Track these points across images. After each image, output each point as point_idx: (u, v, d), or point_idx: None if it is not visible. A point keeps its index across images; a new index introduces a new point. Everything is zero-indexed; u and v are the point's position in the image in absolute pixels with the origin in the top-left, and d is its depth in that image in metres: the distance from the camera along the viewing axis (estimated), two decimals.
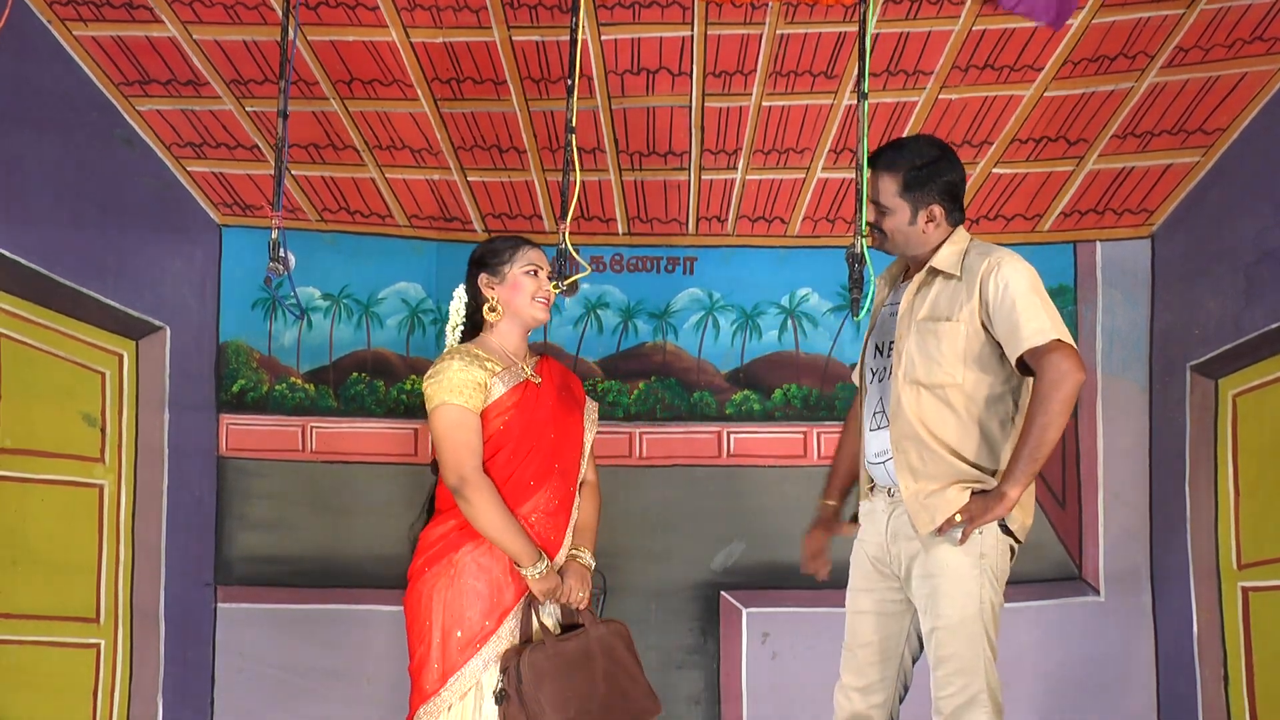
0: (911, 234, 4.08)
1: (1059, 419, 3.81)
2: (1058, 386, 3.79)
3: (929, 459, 3.93)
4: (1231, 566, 5.28)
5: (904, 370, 3.99)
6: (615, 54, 5.16)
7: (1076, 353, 3.87)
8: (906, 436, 3.97)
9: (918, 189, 4.04)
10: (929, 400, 3.95)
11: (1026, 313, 3.85)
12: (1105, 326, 5.79)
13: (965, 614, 3.87)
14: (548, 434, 4.31)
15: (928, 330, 3.98)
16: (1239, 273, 5.23)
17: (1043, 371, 3.82)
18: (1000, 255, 3.98)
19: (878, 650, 4.15)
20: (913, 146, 4.17)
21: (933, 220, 4.06)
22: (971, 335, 3.94)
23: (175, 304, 5.57)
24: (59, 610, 5.15)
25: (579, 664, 4.21)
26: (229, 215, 5.75)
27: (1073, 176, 5.59)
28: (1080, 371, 3.83)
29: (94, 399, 5.33)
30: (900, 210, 4.06)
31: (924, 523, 3.91)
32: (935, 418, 3.94)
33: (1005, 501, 3.81)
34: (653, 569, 5.79)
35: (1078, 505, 5.81)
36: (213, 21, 5.00)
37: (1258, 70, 5.01)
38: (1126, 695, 5.66)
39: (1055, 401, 3.79)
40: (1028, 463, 3.81)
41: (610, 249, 5.94)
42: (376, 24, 5.02)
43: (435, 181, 5.73)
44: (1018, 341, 3.85)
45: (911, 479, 3.95)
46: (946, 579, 3.90)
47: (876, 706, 4.15)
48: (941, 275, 4.03)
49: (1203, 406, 5.45)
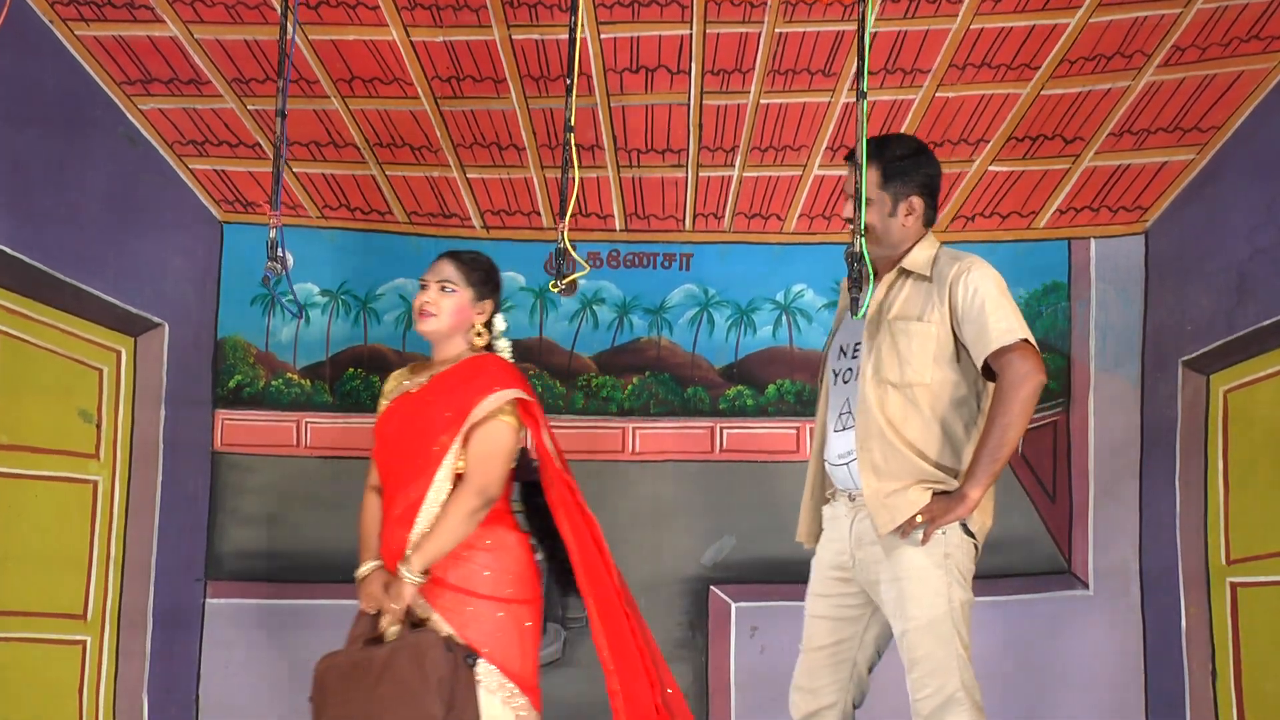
0: (891, 226, 4.09)
1: (1020, 419, 3.84)
2: (1019, 386, 3.84)
3: (892, 458, 3.94)
4: (1221, 562, 5.28)
5: (874, 368, 4.00)
6: (614, 52, 5.16)
7: (1039, 355, 3.91)
8: (872, 435, 3.97)
9: (898, 181, 4.07)
10: (896, 399, 3.96)
11: (995, 315, 3.89)
12: (1098, 322, 5.82)
13: (935, 614, 3.88)
14: (401, 443, 4.30)
15: (900, 330, 3.99)
16: (1232, 270, 5.23)
17: (1005, 371, 3.87)
18: (970, 260, 4.02)
19: (830, 654, 4.16)
20: (892, 141, 4.20)
21: (912, 213, 4.09)
22: (942, 337, 3.97)
23: (175, 300, 5.58)
24: (47, 607, 5.14)
25: (353, 677, 4.10)
26: (230, 212, 5.76)
27: (1068, 174, 5.62)
28: (1042, 373, 3.88)
29: (91, 395, 5.33)
30: (881, 202, 4.07)
31: (885, 522, 3.92)
32: (901, 417, 3.96)
33: (967, 502, 3.85)
34: (643, 563, 5.81)
35: (1068, 500, 5.84)
36: (214, 21, 5.00)
37: (1253, 69, 5.02)
38: (1115, 690, 5.68)
39: (1017, 401, 3.83)
40: (989, 463, 3.86)
41: (607, 245, 5.95)
42: (377, 23, 5.02)
43: (435, 179, 5.74)
44: (985, 343, 3.89)
45: (874, 478, 3.95)
46: (913, 581, 3.91)
47: (827, 709, 4.15)
48: (913, 277, 4.06)
49: (1194, 402, 5.46)
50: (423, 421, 4.25)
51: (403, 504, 4.21)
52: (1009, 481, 5.89)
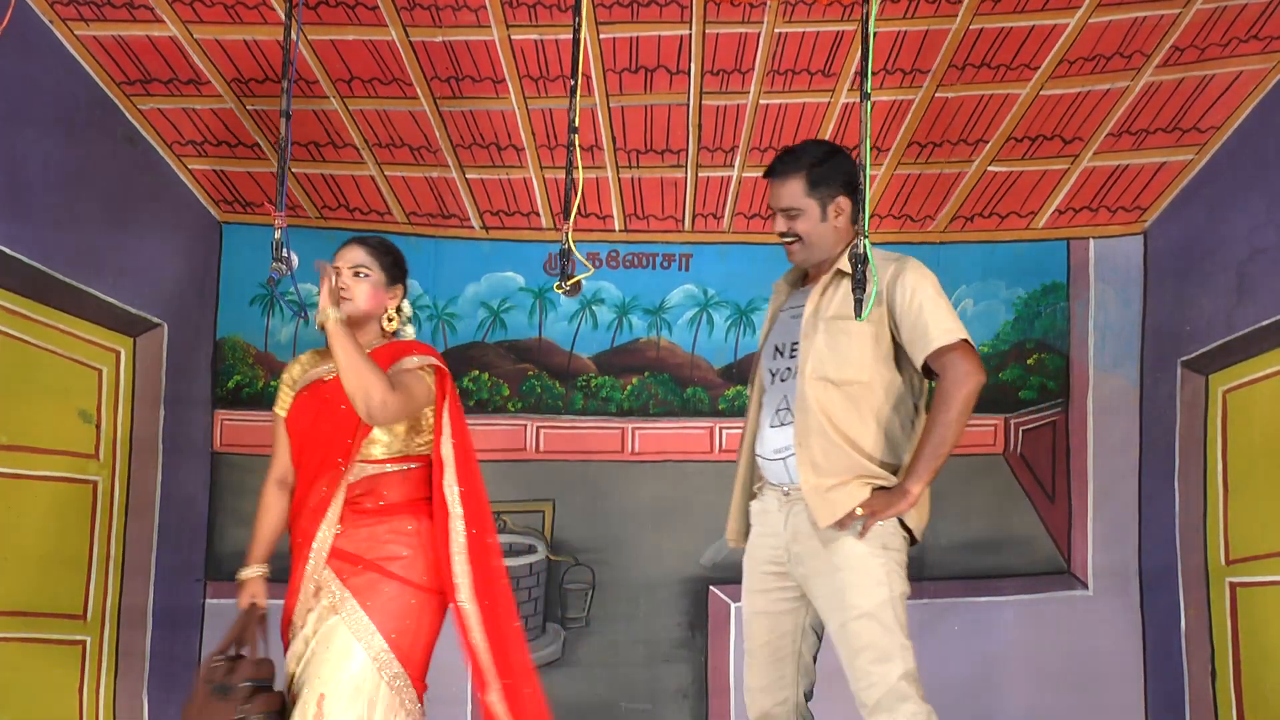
0: (825, 231, 4.12)
1: (961, 418, 3.88)
2: (960, 385, 3.87)
3: (832, 454, 3.94)
4: (1220, 562, 5.28)
5: (812, 367, 4.00)
6: (614, 52, 5.16)
7: (978, 355, 3.95)
8: (811, 431, 3.97)
9: (823, 185, 4.10)
10: (836, 396, 3.97)
11: (934, 316, 3.91)
12: (1097, 322, 5.84)
13: (877, 602, 3.86)
14: (318, 431, 4.22)
15: (838, 329, 4.00)
16: (1231, 269, 5.23)
17: (946, 371, 3.90)
18: (905, 261, 4.05)
19: (773, 650, 4.15)
20: (806, 148, 4.22)
21: (841, 213, 4.12)
22: (880, 337, 3.98)
23: (174, 301, 5.58)
24: (47, 607, 5.12)
25: None
26: (229, 212, 5.76)
27: (1067, 174, 5.63)
28: (981, 373, 3.91)
29: (90, 395, 5.32)
30: (811, 209, 4.11)
31: (824, 516, 3.91)
32: (841, 414, 3.96)
33: (908, 497, 3.86)
34: (643, 563, 5.82)
35: (1067, 500, 5.85)
36: (213, 21, 4.98)
37: (1252, 69, 5.02)
38: (1114, 690, 5.70)
39: (958, 400, 3.86)
40: (930, 459, 3.88)
41: (606, 245, 5.96)
42: (376, 23, 5.01)
43: (434, 179, 5.74)
44: (925, 343, 3.91)
45: (813, 473, 3.95)
46: (853, 570, 3.90)
47: (780, 704, 4.14)
48: (848, 277, 4.06)
49: (1193, 402, 5.47)
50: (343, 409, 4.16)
51: (325, 491, 4.15)
52: (1009, 481, 5.91)
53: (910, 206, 5.84)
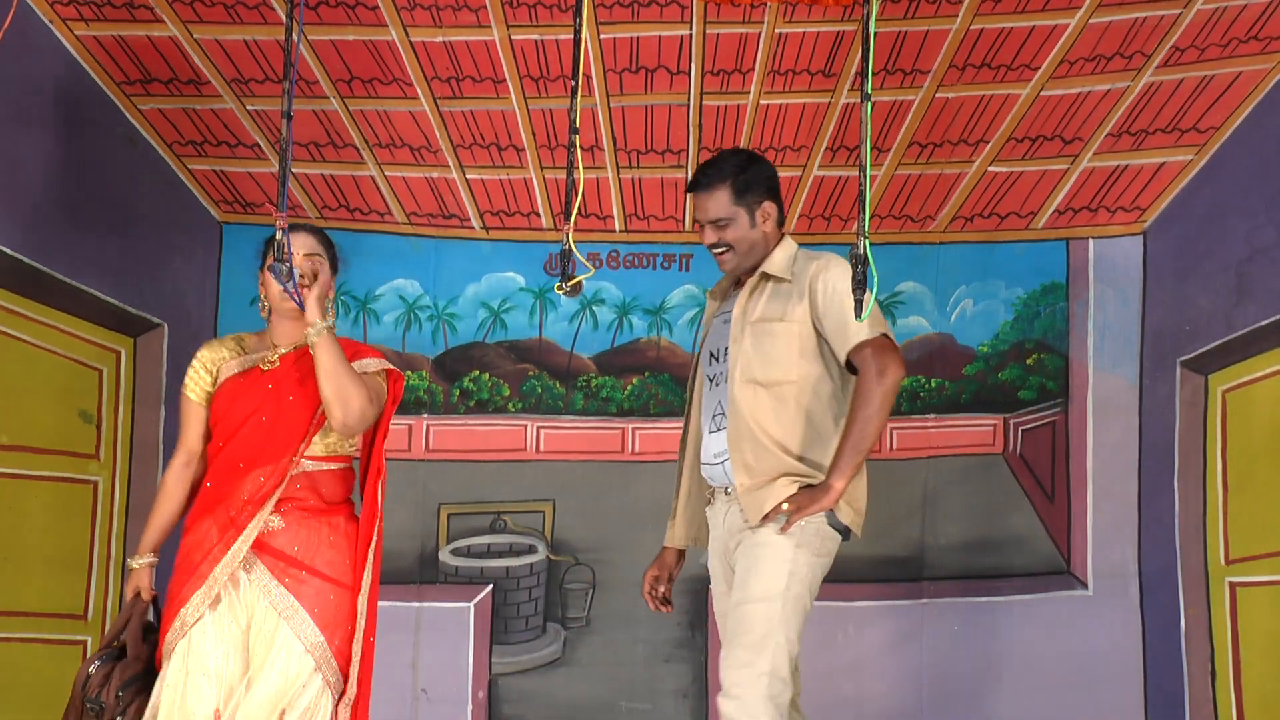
0: (754, 237, 4.15)
1: (882, 412, 3.91)
2: (879, 381, 3.90)
3: (762, 456, 3.98)
4: (1220, 562, 5.29)
5: (741, 371, 4.04)
6: (614, 52, 5.16)
7: (898, 349, 3.99)
8: (743, 436, 4.01)
9: (748, 192, 4.14)
10: (765, 398, 4.00)
11: (853, 311, 3.89)
12: (1097, 322, 5.85)
13: (769, 592, 3.87)
14: (259, 417, 4.05)
15: (763, 331, 4.04)
16: (1230, 270, 5.24)
17: (865, 366, 3.93)
18: (828, 258, 4.09)
19: None
20: (726, 157, 4.26)
21: (768, 218, 4.16)
22: (804, 335, 4.01)
23: (174, 301, 5.58)
24: (48, 607, 5.12)
25: None
26: (229, 213, 5.77)
27: (1067, 174, 5.63)
28: (901, 367, 3.94)
29: (90, 395, 5.32)
30: (739, 217, 4.14)
31: (754, 514, 3.95)
32: (770, 416, 3.99)
33: (831, 493, 3.88)
34: (643, 563, 5.78)
35: (1066, 500, 5.85)
36: (213, 21, 4.97)
37: (1252, 69, 5.02)
38: (1114, 690, 5.70)
39: (877, 395, 3.89)
40: (851, 455, 3.90)
41: (607, 245, 5.97)
42: (376, 23, 5.00)
43: (434, 179, 5.74)
44: (845, 338, 3.95)
45: (746, 476, 3.98)
46: (762, 559, 3.91)
47: None
48: (773, 280, 4.11)
49: (1192, 402, 5.48)
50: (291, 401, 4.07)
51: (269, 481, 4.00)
52: (1008, 481, 5.92)
53: (910, 206, 5.84)
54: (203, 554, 3.96)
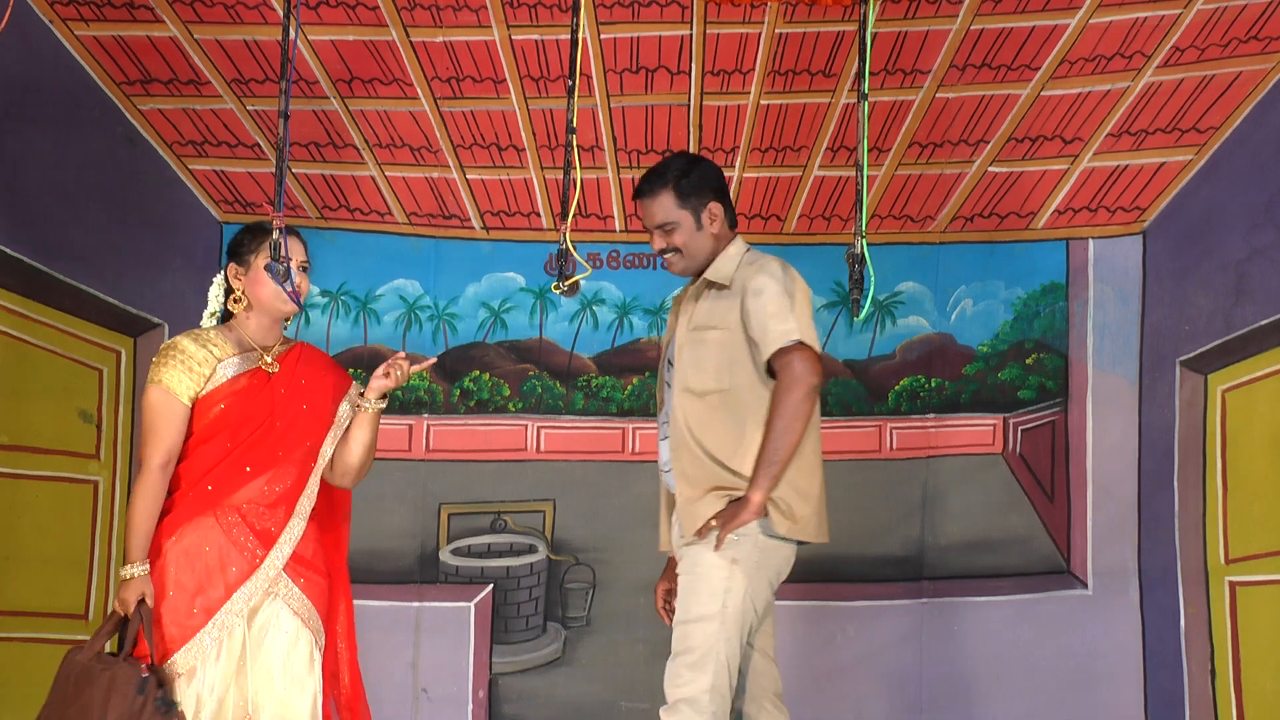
0: (702, 240, 4.09)
1: (795, 422, 3.83)
2: (791, 390, 3.84)
3: (697, 466, 3.94)
4: (1219, 561, 5.29)
5: (678, 379, 4.01)
6: (614, 52, 5.16)
7: (818, 358, 3.91)
8: (681, 445, 3.98)
9: (692, 194, 4.07)
10: (699, 408, 3.96)
11: (776, 316, 3.88)
12: (1096, 322, 5.84)
13: (706, 612, 3.85)
14: (273, 422, 3.97)
15: (698, 339, 4.00)
16: (1229, 269, 5.23)
17: (780, 374, 3.88)
18: (764, 262, 4.04)
19: None
20: (668, 163, 4.18)
21: (715, 219, 4.10)
22: (737, 344, 3.96)
23: (174, 301, 5.56)
24: (49, 607, 5.13)
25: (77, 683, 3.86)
26: (230, 212, 5.77)
27: (1067, 174, 5.63)
28: (815, 375, 3.87)
29: (91, 395, 5.32)
30: (685, 220, 4.08)
31: (689, 527, 3.92)
32: (703, 425, 3.95)
33: (750, 507, 3.82)
34: (643, 563, 5.80)
35: (1066, 499, 5.85)
36: (213, 21, 4.98)
37: (1252, 69, 5.03)
38: (1114, 689, 5.70)
39: (789, 404, 3.83)
40: (767, 467, 3.84)
41: (607, 246, 5.97)
42: (376, 23, 5.01)
43: (434, 179, 5.74)
44: (765, 345, 3.89)
45: (686, 485, 3.96)
46: (696, 577, 3.89)
47: (748, 701, 4.10)
48: (715, 287, 4.06)
49: (1192, 402, 5.47)
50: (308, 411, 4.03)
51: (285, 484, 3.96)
52: (1008, 481, 5.92)
53: (910, 206, 5.83)
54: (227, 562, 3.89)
